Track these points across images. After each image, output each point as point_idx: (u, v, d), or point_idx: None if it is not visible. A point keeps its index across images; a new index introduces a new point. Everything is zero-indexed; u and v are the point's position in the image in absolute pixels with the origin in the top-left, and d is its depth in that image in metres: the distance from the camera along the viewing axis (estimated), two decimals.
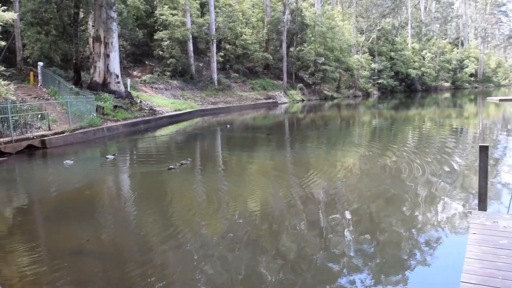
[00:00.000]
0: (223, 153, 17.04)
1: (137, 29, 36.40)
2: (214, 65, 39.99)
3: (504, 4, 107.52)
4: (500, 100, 41.97)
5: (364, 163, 13.54)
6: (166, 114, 27.84)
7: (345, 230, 7.56)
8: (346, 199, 9.40)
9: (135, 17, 35.01)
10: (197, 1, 41.48)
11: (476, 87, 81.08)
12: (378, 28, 61.82)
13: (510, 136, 19.95)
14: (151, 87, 34.00)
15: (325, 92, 51.73)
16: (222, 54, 41.83)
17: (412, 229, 7.50)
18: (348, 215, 8.34)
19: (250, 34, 45.20)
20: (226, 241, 6.98)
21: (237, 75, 43.61)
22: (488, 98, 47.66)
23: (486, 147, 6.70)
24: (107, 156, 14.74)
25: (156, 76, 35.70)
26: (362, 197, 9.61)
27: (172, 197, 9.88)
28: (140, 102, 27.92)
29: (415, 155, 14.18)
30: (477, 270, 4.64)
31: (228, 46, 43.17)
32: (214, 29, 39.84)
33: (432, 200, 9.07)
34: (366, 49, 60.75)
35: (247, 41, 44.29)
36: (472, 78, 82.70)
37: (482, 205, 6.77)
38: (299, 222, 7.89)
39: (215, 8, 40.59)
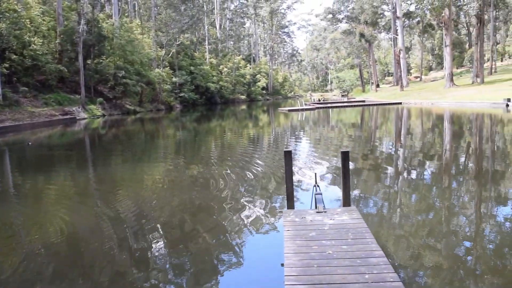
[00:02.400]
0: (16, 177, 15.08)
1: None
2: None
3: (286, 26, 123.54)
4: (289, 110, 47.45)
5: (172, 176, 13.64)
6: None
7: (159, 244, 7.42)
8: (157, 213, 9.29)
9: None
10: None
11: (268, 99, 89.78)
12: (177, 43, 63.26)
13: (298, 140, 22.69)
14: None
15: (127, 106, 50.52)
16: (7, 65, 37.09)
17: (230, 235, 7.76)
18: (160, 229, 8.23)
19: (40, 44, 41.26)
20: (26, 275, 6.16)
21: (26, 89, 39.18)
22: (279, 108, 53.20)
23: (290, 152, 7.48)
24: None
25: None
26: (174, 209, 9.64)
27: None
28: None
29: (220, 164, 14.88)
30: (296, 262, 5.13)
31: (14, 57, 38.58)
32: None
33: (244, 205, 9.56)
34: (166, 63, 61.54)
35: (37, 52, 40.34)
36: (264, 91, 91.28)
37: (290, 204, 7.57)
38: (108, 243, 7.44)
39: None
